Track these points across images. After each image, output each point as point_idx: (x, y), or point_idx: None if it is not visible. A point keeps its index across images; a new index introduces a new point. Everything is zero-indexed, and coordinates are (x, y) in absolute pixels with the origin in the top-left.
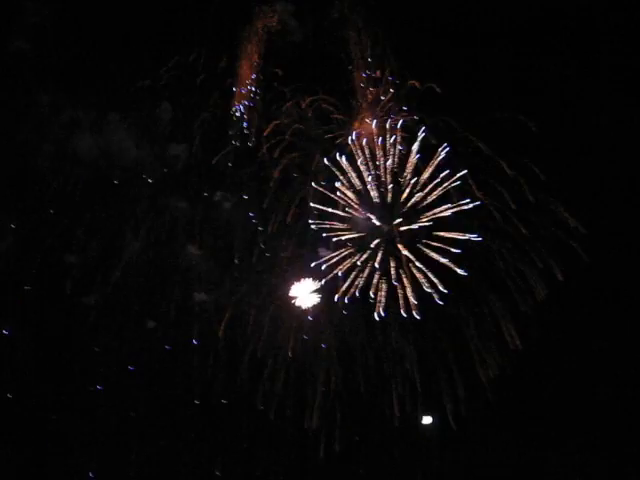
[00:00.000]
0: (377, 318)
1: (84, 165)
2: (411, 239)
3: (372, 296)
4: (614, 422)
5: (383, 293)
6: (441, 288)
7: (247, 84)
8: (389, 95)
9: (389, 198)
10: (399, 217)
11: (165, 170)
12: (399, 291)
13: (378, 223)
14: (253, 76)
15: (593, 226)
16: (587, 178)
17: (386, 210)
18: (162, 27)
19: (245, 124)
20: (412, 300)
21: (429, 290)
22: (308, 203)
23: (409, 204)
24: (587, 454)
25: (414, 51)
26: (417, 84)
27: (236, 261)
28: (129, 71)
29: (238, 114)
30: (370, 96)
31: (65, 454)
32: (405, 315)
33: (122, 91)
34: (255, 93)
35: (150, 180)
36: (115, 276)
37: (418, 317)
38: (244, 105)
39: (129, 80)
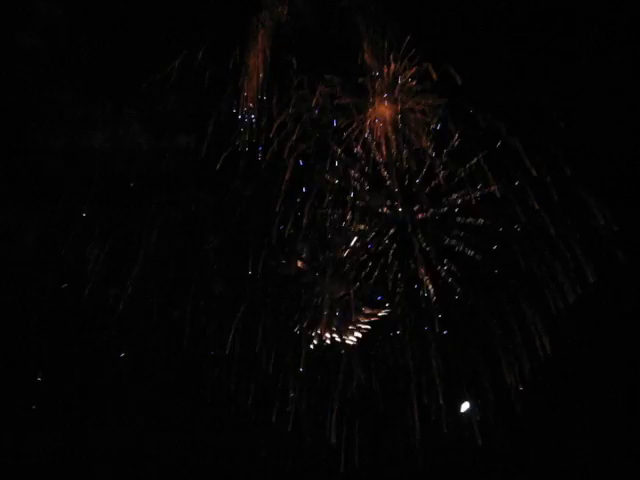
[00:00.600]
0: (392, 334)
1: (98, 160)
2: (432, 229)
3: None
4: None
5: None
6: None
7: (257, 77)
8: (403, 79)
9: (406, 183)
10: (418, 203)
11: (179, 163)
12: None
13: (392, 211)
14: (261, 75)
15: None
16: (621, 169)
17: (404, 196)
18: (169, 22)
19: (255, 125)
20: (437, 314)
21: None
22: (323, 193)
23: (429, 188)
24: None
25: (427, 35)
26: (431, 68)
27: (250, 271)
28: (140, 66)
29: (247, 120)
30: (384, 81)
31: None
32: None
33: (134, 86)
34: (265, 85)
35: (165, 173)
36: (135, 270)
37: (445, 332)
38: (254, 102)
39: (141, 75)
